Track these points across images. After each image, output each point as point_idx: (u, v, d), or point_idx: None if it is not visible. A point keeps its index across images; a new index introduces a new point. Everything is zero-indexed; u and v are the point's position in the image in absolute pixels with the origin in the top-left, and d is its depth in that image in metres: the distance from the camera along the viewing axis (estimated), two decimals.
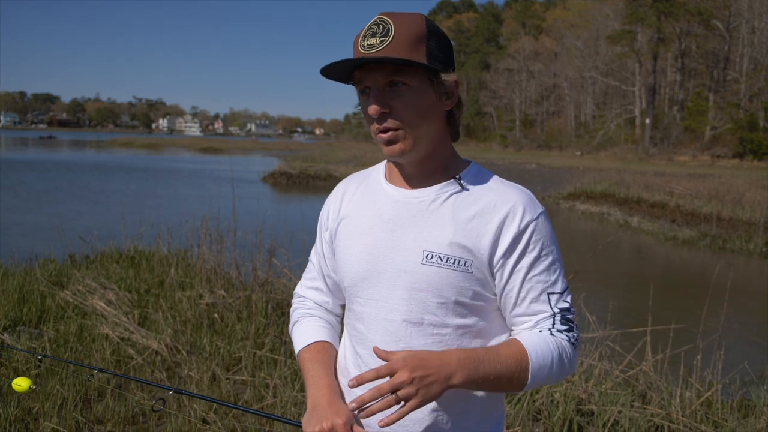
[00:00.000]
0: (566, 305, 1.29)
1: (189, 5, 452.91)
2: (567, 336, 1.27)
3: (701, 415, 3.65)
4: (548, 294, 1.28)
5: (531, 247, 1.27)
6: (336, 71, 1.25)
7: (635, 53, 58.37)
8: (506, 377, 1.20)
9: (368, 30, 1.23)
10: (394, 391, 1.12)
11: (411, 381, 1.12)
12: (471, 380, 1.17)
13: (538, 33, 78.64)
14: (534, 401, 3.65)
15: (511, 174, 30.12)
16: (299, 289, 1.58)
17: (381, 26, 1.22)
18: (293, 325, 1.53)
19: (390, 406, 1.14)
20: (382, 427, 1.17)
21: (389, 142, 1.26)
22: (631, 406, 3.67)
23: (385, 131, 1.25)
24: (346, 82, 1.31)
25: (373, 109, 1.23)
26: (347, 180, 1.50)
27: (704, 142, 50.97)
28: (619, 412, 3.56)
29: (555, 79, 72.92)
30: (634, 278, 10.45)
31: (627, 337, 4.38)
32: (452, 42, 1.33)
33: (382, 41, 1.20)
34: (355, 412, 1.22)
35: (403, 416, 1.13)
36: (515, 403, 3.59)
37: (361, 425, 1.30)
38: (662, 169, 33.95)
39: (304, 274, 1.58)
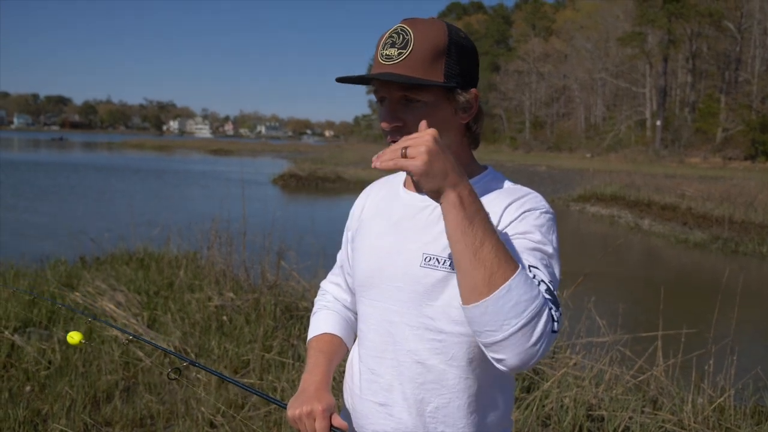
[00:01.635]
0: (551, 288, 1.13)
1: (199, 8, 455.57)
2: (551, 305, 1.08)
3: (713, 422, 3.61)
4: (530, 267, 1.14)
5: (521, 229, 1.19)
6: (353, 78, 1.25)
7: (646, 55, 58.11)
8: (487, 253, 1.03)
9: (389, 38, 1.22)
10: (406, 147, 1.04)
11: (427, 151, 1.03)
12: (462, 209, 1.05)
13: (548, 35, 78.37)
14: (543, 406, 3.62)
15: (520, 176, 30.02)
16: (323, 283, 1.64)
17: (401, 36, 1.20)
18: (312, 315, 1.59)
19: (396, 157, 1.05)
20: (374, 167, 1.08)
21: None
22: (642, 411, 3.64)
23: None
24: (366, 84, 1.30)
25: (385, 123, 1.23)
26: (373, 184, 1.54)
27: (716, 144, 50.66)
28: (630, 418, 3.53)
29: (565, 81, 72.69)
30: (645, 282, 10.37)
31: (638, 341, 4.33)
32: (476, 51, 1.29)
33: (399, 54, 1.19)
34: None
35: (396, 167, 1.05)
36: (524, 409, 3.56)
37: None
38: (673, 172, 33.73)
39: (332, 270, 1.64)
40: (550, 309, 1.07)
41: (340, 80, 1.25)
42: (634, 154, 51.27)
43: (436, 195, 1.07)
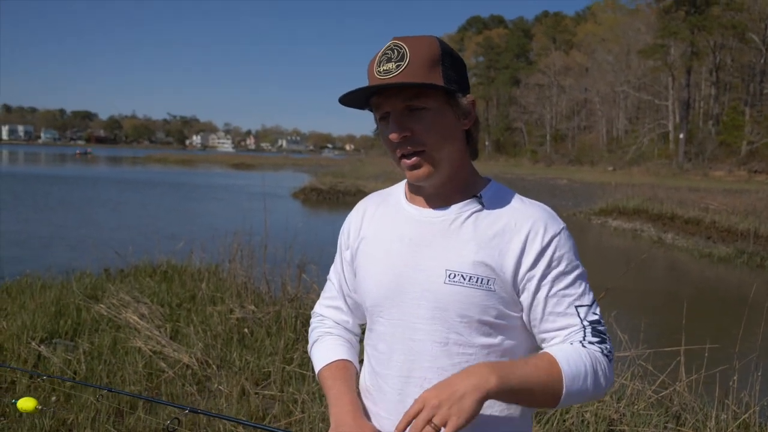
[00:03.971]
0: (596, 317, 1.26)
1: (223, 24, 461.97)
2: (600, 348, 1.23)
3: None
4: (576, 307, 1.25)
5: (555, 262, 1.26)
6: (353, 99, 1.27)
7: (668, 67, 57.59)
8: (540, 387, 1.17)
9: (383, 55, 1.24)
10: (429, 421, 1.10)
11: (439, 404, 1.10)
12: (505, 386, 1.12)
13: (569, 48, 78.15)
14: (564, 421, 3.59)
15: (541, 189, 29.88)
16: (318, 308, 1.58)
17: (396, 51, 1.23)
18: (312, 345, 1.53)
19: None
20: None
21: (413, 167, 1.27)
22: (665, 427, 3.60)
23: (408, 157, 1.26)
24: (363, 108, 1.32)
25: (394, 134, 1.24)
26: (367, 199, 1.51)
27: (740, 156, 49.92)
28: None
29: (586, 94, 72.31)
30: (668, 296, 10.25)
31: (660, 356, 4.29)
32: (465, 62, 1.34)
33: (398, 66, 1.21)
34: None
35: None
36: (544, 423, 3.54)
37: None
38: (697, 185, 33.33)
39: (323, 293, 1.58)
40: (601, 351, 1.24)
41: (343, 99, 1.27)
42: (657, 168, 50.72)
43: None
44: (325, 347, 1.48)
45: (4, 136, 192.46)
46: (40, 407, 1.89)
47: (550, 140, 75.55)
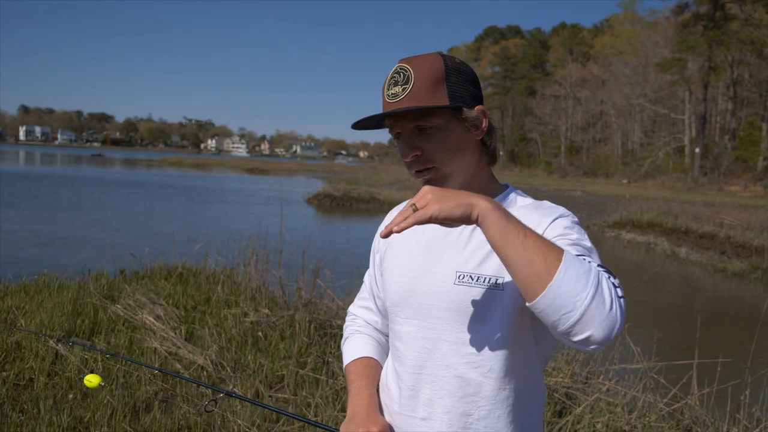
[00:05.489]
0: (601, 263, 1.16)
1: (239, 29, 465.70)
2: (607, 274, 1.10)
3: None
4: (581, 255, 1.16)
5: (557, 232, 1.24)
6: (367, 124, 1.35)
7: (685, 81, 57.26)
8: (533, 241, 1.07)
9: (391, 79, 1.32)
10: (413, 204, 1.12)
11: (431, 193, 1.12)
12: (497, 210, 1.10)
13: (586, 60, 77.97)
14: (576, 431, 3.61)
15: (555, 201, 29.56)
16: (352, 308, 1.68)
17: (401, 74, 1.31)
18: (344, 341, 1.64)
19: (408, 215, 1.11)
20: (391, 232, 1.11)
21: (426, 182, 1.35)
22: None
23: (421, 171, 1.34)
24: (378, 129, 1.41)
25: (406, 154, 1.33)
26: (397, 207, 1.60)
27: (756, 172, 49.51)
28: None
29: (602, 106, 72.06)
30: (681, 310, 10.21)
31: (672, 369, 4.30)
32: (475, 72, 1.39)
33: (403, 89, 1.29)
34: (388, 425, 1.35)
35: (416, 221, 1.10)
36: None
37: None
38: (712, 200, 33.05)
39: (358, 294, 1.68)
40: (608, 278, 1.08)
41: (356, 126, 1.36)
42: (672, 182, 50.42)
43: (468, 217, 1.11)
44: (354, 344, 1.59)
45: (22, 137, 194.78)
46: (103, 384, 2.07)
47: (565, 152, 75.33)
